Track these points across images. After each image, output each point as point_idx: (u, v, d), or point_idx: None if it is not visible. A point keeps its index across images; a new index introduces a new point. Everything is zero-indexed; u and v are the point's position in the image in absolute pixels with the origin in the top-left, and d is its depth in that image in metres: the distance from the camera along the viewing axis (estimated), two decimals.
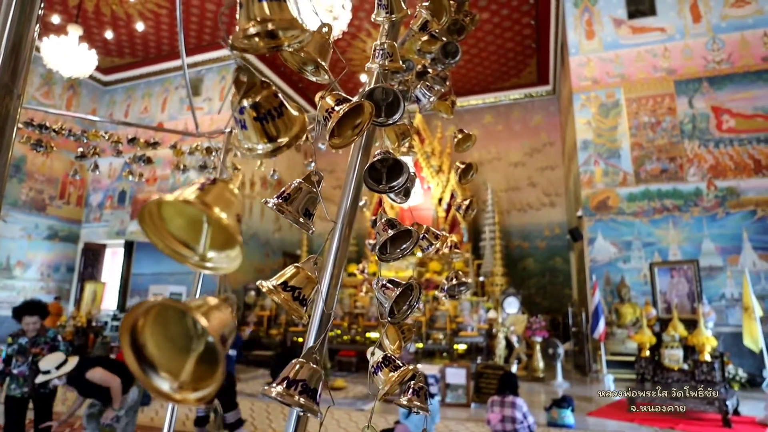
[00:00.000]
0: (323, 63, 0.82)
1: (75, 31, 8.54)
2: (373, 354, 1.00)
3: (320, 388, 0.74)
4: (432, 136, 14.62)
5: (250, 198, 13.41)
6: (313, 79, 0.90)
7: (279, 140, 0.63)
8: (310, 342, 0.91)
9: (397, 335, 1.06)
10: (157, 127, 10.68)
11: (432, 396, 4.10)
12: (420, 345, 9.33)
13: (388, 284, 0.95)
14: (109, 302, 12.55)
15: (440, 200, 13.72)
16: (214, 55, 12.92)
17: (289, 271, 0.85)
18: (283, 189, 0.90)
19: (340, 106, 0.76)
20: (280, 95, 0.62)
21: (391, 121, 0.96)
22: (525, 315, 9.25)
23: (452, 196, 13.62)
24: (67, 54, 8.39)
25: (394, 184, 0.95)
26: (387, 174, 0.96)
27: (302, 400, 0.70)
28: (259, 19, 0.58)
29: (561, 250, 13.74)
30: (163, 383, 0.43)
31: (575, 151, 9.97)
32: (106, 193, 13.62)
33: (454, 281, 1.35)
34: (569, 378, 8.44)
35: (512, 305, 9.38)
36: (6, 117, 0.66)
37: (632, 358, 6.95)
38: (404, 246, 1.01)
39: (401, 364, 0.95)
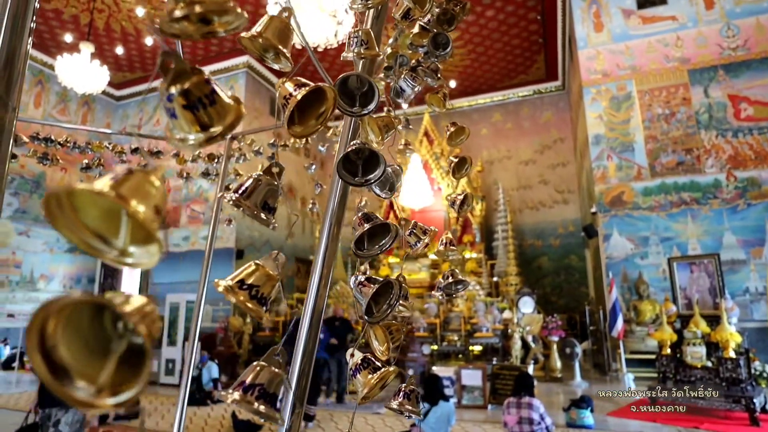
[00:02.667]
0: (283, 49, 0.79)
1: (87, 48, 8.71)
2: (352, 355, 0.97)
3: (281, 394, 0.70)
4: (441, 137, 14.54)
5: None
6: (275, 66, 0.86)
7: (212, 129, 0.58)
8: (301, 344, 0.88)
9: (384, 336, 1.02)
10: (157, 136, 10.81)
11: (447, 398, 4.04)
12: (435, 347, 9.25)
13: (365, 281, 0.91)
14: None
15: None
16: (222, 65, 13.07)
17: (248, 268, 0.81)
18: (240, 183, 0.86)
19: (299, 91, 0.72)
20: (212, 82, 0.57)
21: (365, 111, 0.92)
22: (540, 314, 9.12)
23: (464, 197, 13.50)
24: (80, 71, 8.56)
25: (371, 177, 0.91)
26: (363, 166, 0.92)
27: (261, 406, 0.67)
28: (187, 0, 0.55)
29: (576, 248, 13.52)
30: (78, 389, 0.40)
31: (587, 146, 9.82)
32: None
33: (451, 279, 1.32)
34: (588, 377, 8.28)
35: (527, 305, 9.24)
36: (1, 130, 0.66)
37: (653, 356, 6.79)
38: (383, 242, 0.97)
39: (380, 366, 0.92)
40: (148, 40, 11.85)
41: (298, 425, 0.86)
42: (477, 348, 9.20)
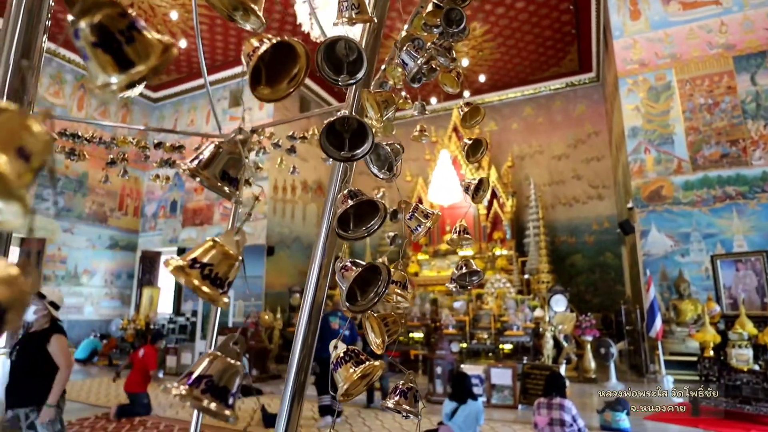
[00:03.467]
0: (253, 5, 0.71)
1: None
2: (335, 348, 0.89)
3: (235, 388, 0.61)
4: (470, 133, 14.33)
5: (292, 202, 13.68)
6: (247, 27, 0.77)
7: (133, 70, 0.48)
8: (299, 338, 0.84)
9: (379, 328, 0.96)
10: (179, 131, 11.07)
11: (476, 397, 3.97)
12: (464, 345, 9.15)
13: (349, 265, 0.83)
14: (165, 306, 13.20)
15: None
16: None
17: (204, 245, 0.68)
18: (199, 152, 0.77)
19: (263, 45, 0.64)
20: (131, 13, 0.48)
21: (353, 81, 0.85)
22: (573, 313, 8.87)
23: (494, 193, 13.30)
24: None
25: (358, 151, 0.83)
26: (351, 141, 0.84)
27: (205, 401, 0.57)
28: None
29: (611, 245, 13.08)
30: None
31: (623, 139, 9.46)
32: (159, 203, 14.35)
33: (464, 269, 1.26)
34: (624, 379, 8.00)
35: (560, 303, 9.01)
36: None
37: (694, 359, 6.49)
38: (371, 224, 0.88)
39: (364, 359, 0.83)
40: (182, 43, 12.18)
41: (297, 418, 0.84)
42: (507, 346, 9.04)
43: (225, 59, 13.36)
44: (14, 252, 11.77)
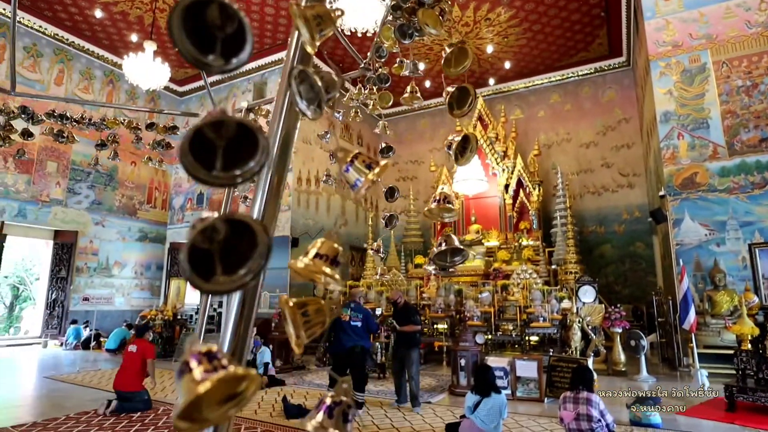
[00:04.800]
0: None
1: (150, 46, 9.18)
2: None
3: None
4: (496, 121, 14.08)
5: (316, 194, 13.77)
6: None
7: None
8: (230, 323, 0.73)
9: (295, 319, 0.76)
10: (164, 111, 11.13)
11: (499, 390, 3.91)
12: (489, 336, 9.06)
13: (202, 219, 0.60)
14: (193, 297, 13.53)
15: (507, 187, 13.20)
16: (276, 57, 13.35)
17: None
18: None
19: None
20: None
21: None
22: (602, 304, 8.64)
23: (519, 183, 13.05)
24: (145, 69, 9.04)
25: (233, 62, 0.63)
26: (223, 47, 0.63)
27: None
28: None
29: (642, 235, 12.69)
30: None
31: (655, 125, 9.10)
32: (186, 195, 14.67)
33: (444, 246, 1.12)
34: (656, 372, 7.78)
35: (588, 294, 8.80)
36: None
37: (730, 351, 6.24)
38: (249, 166, 0.62)
39: (225, 365, 0.53)
40: None
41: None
42: (533, 338, 8.91)
43: None
44: (49, 244, 12.27)
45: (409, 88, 1.48)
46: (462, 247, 1.14)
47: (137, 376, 5.42)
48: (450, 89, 1.14)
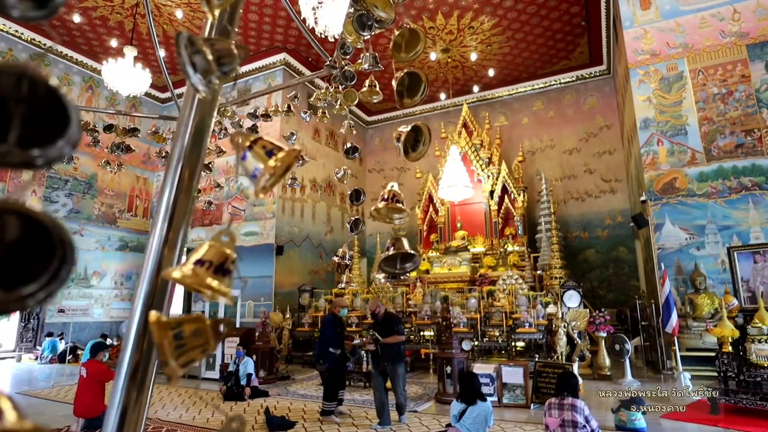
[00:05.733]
0: None
1: (130, 52, 9.04)
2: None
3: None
4: (480, 128, 14.19)
5: (302, 201, 13.66)
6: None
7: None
8: (132, 331, 0.66)
9: (166, 343, 0.60)
10: (132, 113, 10.97)
11: (484, 397, 3.87)
12: (476, 343, 9.04)
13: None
14: (175, 308, 13.27)
15: (492, 193, 13.28)
16: (260, 64, 13.28)
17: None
18: None
19: None
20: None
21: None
22: (587, 309, 8.70)
23: (504, 189, 13.14)
24: (124, 75, 8.89)
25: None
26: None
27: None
28: None
29: (625, 239, 12.87)
30: None
31: (635, 131, 9.26)
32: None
33: (392, 250, 1.03)
34: (640, 376, 7.83)
35: (573, 299, 8.85)
36: None
37: (712, 354, 6.31)
38: (54, 148, 0.46)
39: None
40: None
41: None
42: (520, 344, 8.91)
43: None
44: None
45: (368, 83, 1.42)
46: (413, 252, 1.05)
47: (97, 399, 4.86)
48: (402, 129, 1.04)
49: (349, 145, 1.51)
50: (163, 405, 6.27)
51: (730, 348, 5.63)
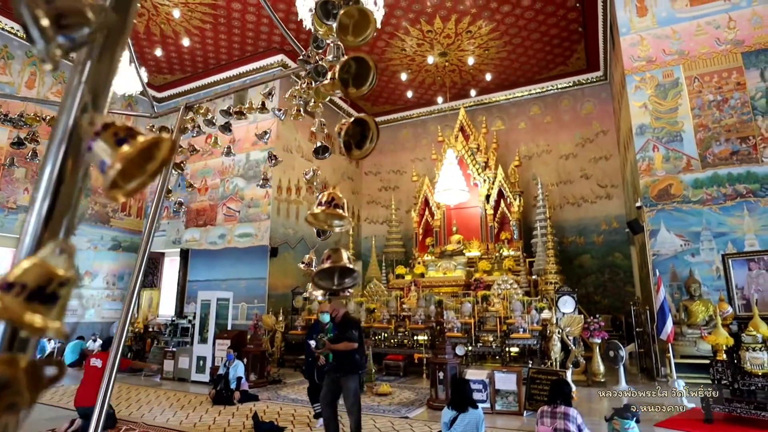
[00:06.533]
0: None
1: (126, 51, 8.96)
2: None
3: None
4: (477, 132, 14.18)
5: (297, 203, 13.60)
6: None
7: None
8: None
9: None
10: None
11: (476, 405, 3.82)
12: (469, 348, 8.98)
13: None
14: (167, 308, 13.15)
15: (488, 197, 13.26)
16: (257, 65, 13.23)
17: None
18: None
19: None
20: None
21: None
22: (581, 315, 8.66)
23: (500, 193, 13.12)
24: (120, 74, 8.80)
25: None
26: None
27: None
28: None
29: (620, 245, 12.86)
30: None
31: (631, 137, 9.26)
32: (163, 203, 14.33)
33: (328, 262, 0.94)
34: (634, 383, 7.80)
35: (567, 304, 8.81)
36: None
37: (706, 361, 6.27)
38: None
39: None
40: (185, 42, 12.14)
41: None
42: (514, 349, 8.86)
43: (230, 58, 13.32)
44: (9, 254, 11.75)
45: (329, 75, 1.32)
46: (351, 266, 0.95)
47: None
48: (345, 121, 0.94)
49: (319, 144, 1.43)
50: (150, 408, 6.18)
51: (724, 356, 5.60)
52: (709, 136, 8.39)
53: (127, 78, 9.21)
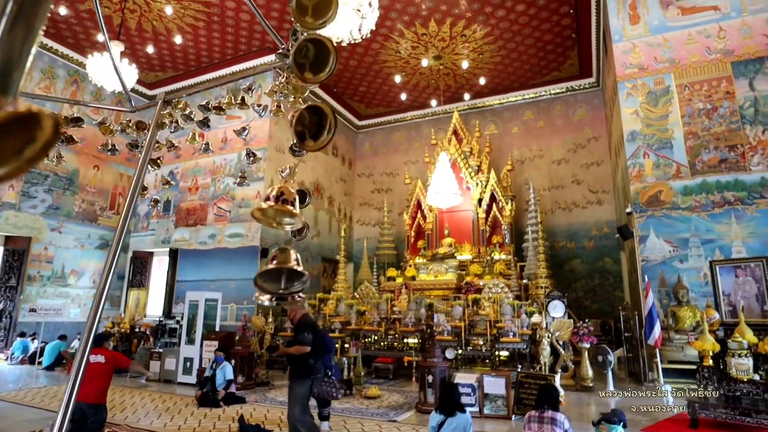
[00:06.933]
0: None
1: (116, 47, 8.89)
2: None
3: None
4: (470, 135, 14.22)
5: None
6: None
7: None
8: None
9: None
10: (79, 101, 10.78)
11: (464, 409, 3.79)
12: (459, 351, 8.97)
13: None
14: (156, 308, 13.00)
15: (480, 201, 13.28)
16: (250, 64, 13.16)
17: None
18: None
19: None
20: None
21: None
22: (571, 319, 8.69)
23: (493, 197, 13.16)
24: (110, 69, 8.73)
25: None
26: None
27: None
28: None
29: (610, 250, 12.95)
30: None
31: (622, 143, 9.33)
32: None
33: (273, 263, 0.86)
34: (622, 387, 7.82)
35: (557, 309, 8.83)
36: None
37: (693, 367, 6.32)
38: None
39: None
40: (178, 39, 12.04)
41: None
42: (503, 353, 8.86)
43: (223, 57, 13.24)
44: None
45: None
46: (300, 269, 0.89)
47: (102, 388, 4.93)
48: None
49: (294, 141, 1.37)
50: (134, 411, 6.08)
51: (710, 362, 5.64)
52: (698, 144, 8.48)
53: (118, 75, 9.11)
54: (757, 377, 5.25)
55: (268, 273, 0.86)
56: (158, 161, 1.76)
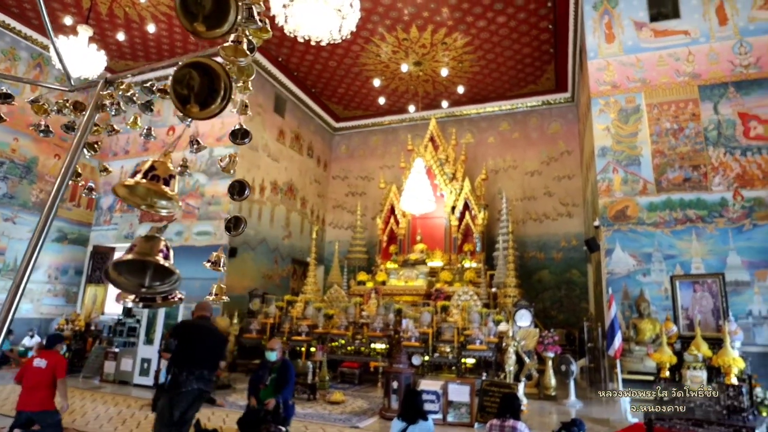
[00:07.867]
0: None
1: (85, 31, 8.55)
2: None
3: None
4: (446, 143, 14.32)
5: (260, 203, 13.28)
6: None
7: None
8: None
9: None
10: (10, 75, 10.48)
11: (426, 416, 3.74)
12: (426, 358, 8.94)
13: None
14: (115, 306, 12.47)
15: (453, 208, 13.37)
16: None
17: None
18: None
19: None
20: None
21: None
22: (537, 329, 8.80)
23: (466, 205, 13.26)
24: (76, 54, 8.38)
25: None
26: None
27: None
28: None
29: (578, 263, 13.23)
30: None
31: (593, 158, 9.55)
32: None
33: (130, 255, 0.78)
34: (583, 397, 7.96)
35: (524, 318, 8.94)
36: None
37: (651, 378, 6.46)
38: None
39: None
40: (151, 28, 11.68)
41: None
42: (470, 361, 8.89)
43: (197, 48, 12.87)
44: None
45: (233, 37, 1.19)
46: (168, 265, 0.80)
47: (48, 394, 4.48)
48: (180, 66, 0.75)
49: (237, 126, 1.26)
50: (83, 414, 5.78)
51: (668, 373, 5.77)
52: (664, 162, 8.75)
53: (85, 60, 8.75)
54: (710, 389, 5.40)
55: (125, 264, 0.76)
56: (95, 145, 1.63)
